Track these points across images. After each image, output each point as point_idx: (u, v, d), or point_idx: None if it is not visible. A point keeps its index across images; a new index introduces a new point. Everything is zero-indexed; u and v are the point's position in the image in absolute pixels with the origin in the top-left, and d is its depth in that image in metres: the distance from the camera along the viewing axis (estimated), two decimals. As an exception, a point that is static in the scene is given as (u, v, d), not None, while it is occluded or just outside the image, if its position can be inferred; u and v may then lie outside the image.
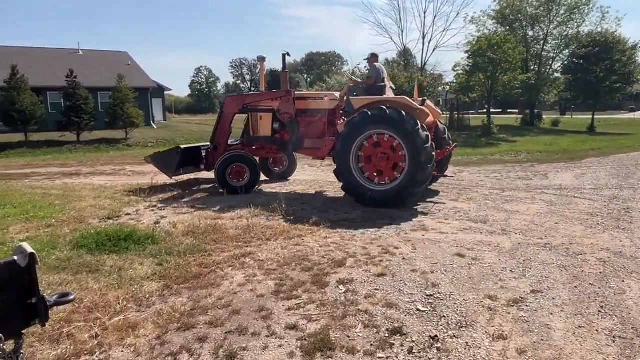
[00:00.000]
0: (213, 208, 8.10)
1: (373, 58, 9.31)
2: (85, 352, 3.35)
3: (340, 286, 4.56)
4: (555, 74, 38.01)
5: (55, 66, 30.57)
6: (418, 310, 4.04)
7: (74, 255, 5.40)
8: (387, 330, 3.68)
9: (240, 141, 10.52)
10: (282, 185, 10.81)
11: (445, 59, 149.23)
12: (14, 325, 1.49)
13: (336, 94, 9.92)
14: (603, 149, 19.65)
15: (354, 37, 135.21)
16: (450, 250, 5.69)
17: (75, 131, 24.07)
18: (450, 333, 3.64)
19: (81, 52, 35.82)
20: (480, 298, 4.29)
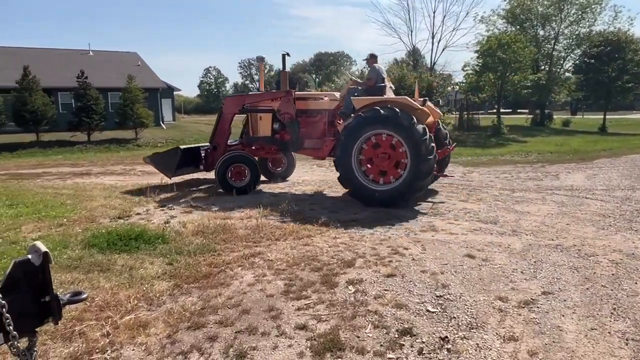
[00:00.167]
0: (222, 208, 8.13)
1: (372, 59, 9.29)
2: (97, 350, 3.38)
3: (350, 286, 4.55)
4: (566, 74, 37.65)
5: (66, 67, 30.86)
6: (428, 311, 4.02)
7: (85, 254, 5.44)
8: (397, 330, 3.66)
9: (240, 141, 10.53)
10: (291, 185, 10.81)
11: (455, 58, 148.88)
12: (28, 323, 1.50)
13: (336, 94, 9.93)
14: (615, 149, 19.43)
15: (362, 37, 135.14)
16: (460, 251, 5.66)
17: (86, 131, 24.28)
18: (460, 334, 3.62)
19: (92, 53, 36.14)
20: (490, 299, 4.26)
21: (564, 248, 5.77)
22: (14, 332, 1.40)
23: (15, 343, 1.42)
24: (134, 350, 3.42)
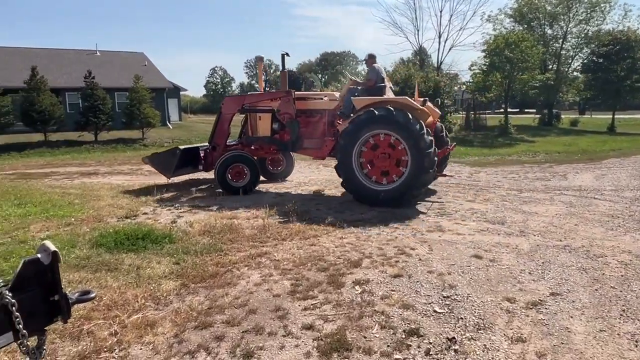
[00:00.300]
0: (229, 208, 8.14)
1: (371, 59, 9.27)
2: (105, 349, 3.40)
3: (356, 287, 4.54)
4: (575, 73, 37.38)
5: (74, 67, 31.05)
6: (435, 311, 4.01)
7: (93, 253, 5.47)
8: (404, 331, 3.65)
9: (239, 141, 10.53)
10: (297, 185, 10.82)
11: (462, 58, 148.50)
12: (37, 321, 1.51)
13: (336, 94, 9.92)
14: (624, 149, 19.28)
15: (369, 37, 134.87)
16: (467, 252, 5.63)
17: (93, 131, 24.39)
18: (467, 335, 3.60)
19: (99, 53, 36.29)
20: (498, 300, 4.23)
21: (573, 249, 5.73)
22: (24, 331, 1.41)
23: (25, 341, 1.43)
24: (141, 349, 3.43)
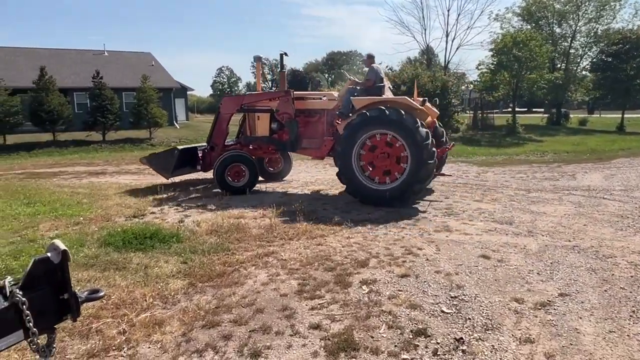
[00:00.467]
0: (236, 207, 8.16)
1: (370, 60, 9.28)
2: (114, 348, 3.42)
3: (364, 286, 4.54)
4: (583, 72, 37.05)
5: (82, 67, 31.28)
6: (442, 311, 3.99)
7: (101, 252, 5.51)
8: (411, 331, 3.64)
9: (237, 141, 10.51)
10: (304, 185, 10.82)
11: (469, 57, 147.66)
12: (47, 320, 1.51)
13: (335, 93, 9.90)
14: (633, 149, 19.10)
15: (376, 37, 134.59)
16: (474, 252, 5.60)
17: (101, 131, 24.56)
18: (475, 335, 3.58)
19: (106, 53, 36.51)
20: (506, 300, 4.21)
21: (581, 249, 5.68)
22: (34, 329, 1.42)
23: (35, 340, 1.44)
24: (149, 348, 3.45)
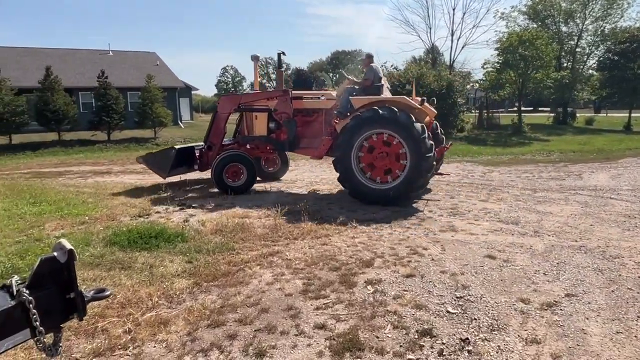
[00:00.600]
0: (240, 207, 8.16)
1: (368, 59, 9.29)
2: (119, 347, 3.43)
3: (369, 286, 4.53)
4: (590, 71, 36.80)
5: (87, 67, 31.45)
6: (448, 312, 3.98)
7: (106, 252, 5.53)
8: (417, 331, 3.63)
9: (234, 141, 10.48)
10: (309, 184, 10.82)
11: (475, 56, 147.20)
12: (53, 319, 1.52)
13: (333, 93, 9.88)
14: (640, 148, 18.95)
15: (381, 35, 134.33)
16: (480, 252, 5.58)
17: (106, 130, 24.63)
18: (481, 336, 3.57)
19: (111, 53, 36.67)
20: (512, 301, 4.19)
21: (588, 249, 5.65)
22: (41, 328, 1.43)
23: (42, 338, 1.44)
24: (155, 347, 3.46)
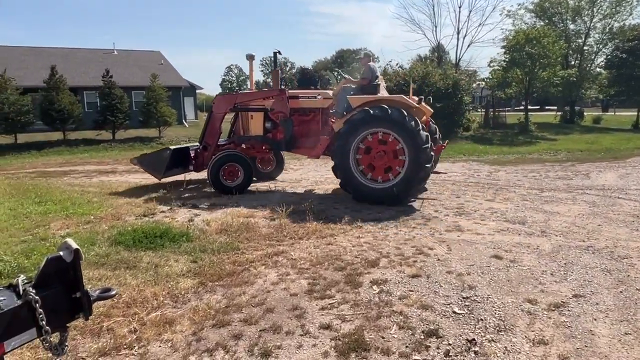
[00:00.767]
0: (245, 206, 8.15)
1: (366, 58, 9.31)
2: (125, 346, 3.43)
3: (374, 286, 4.51)
4: (598, 69, 36.51)
5: (91, 66, 31.58)
6: (454, 312, 3.95)
7: (112, 251, 5.54)
8: (423, 332, 3.61)
9: (230, 140, 10.45)
10: (314, 184, 10.80)
11: (481, 54, 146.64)
12: (60, 318, 1.52)
13: (330, 92, 9.84)
14: (648, 147, 18.81)
15: (386, 34, 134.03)
16: (487, 252, 5.54)
17: (111, 130, 24.71)
18: (488, 337, 3.54)
19: (116, 52, 36.79)
20: (519, 301, 4.15)
21: (596, 250, 5.60)
22: (47, 327, 1.43)
23: (48, 338, 1.45)
24: (160, 346, 3.45)
